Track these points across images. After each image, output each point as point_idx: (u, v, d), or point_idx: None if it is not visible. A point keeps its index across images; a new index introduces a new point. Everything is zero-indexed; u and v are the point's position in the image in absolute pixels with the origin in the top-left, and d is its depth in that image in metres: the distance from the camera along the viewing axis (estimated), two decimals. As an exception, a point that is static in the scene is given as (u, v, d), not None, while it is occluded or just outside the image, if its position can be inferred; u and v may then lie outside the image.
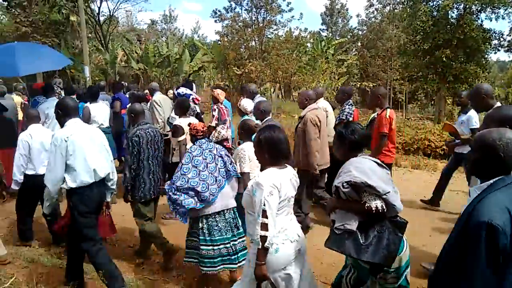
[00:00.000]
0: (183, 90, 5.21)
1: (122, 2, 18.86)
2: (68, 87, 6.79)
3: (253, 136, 2.69)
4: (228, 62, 17.73)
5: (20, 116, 5.90)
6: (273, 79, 16.99)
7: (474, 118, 4.49)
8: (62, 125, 2.88)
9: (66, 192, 2.86)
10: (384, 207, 2.15)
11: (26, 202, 3.74)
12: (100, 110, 5.19)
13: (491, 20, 34.25)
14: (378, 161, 2.29)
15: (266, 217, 2.09)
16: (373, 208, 2.13)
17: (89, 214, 2.87)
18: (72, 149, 2.81)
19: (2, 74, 7.78)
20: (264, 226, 2.09)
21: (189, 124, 3.34)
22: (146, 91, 6.37)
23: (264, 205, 2.08)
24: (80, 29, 16.66)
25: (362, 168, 2.20)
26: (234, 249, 3.09)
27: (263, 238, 2.08)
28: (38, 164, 3.63)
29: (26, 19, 16.09)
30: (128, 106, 4.35)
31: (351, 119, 4.60)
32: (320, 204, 4.58)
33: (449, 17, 13.69)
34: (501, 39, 13.81)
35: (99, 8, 18.16)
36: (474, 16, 13.44)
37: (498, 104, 3.01)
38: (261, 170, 2.26)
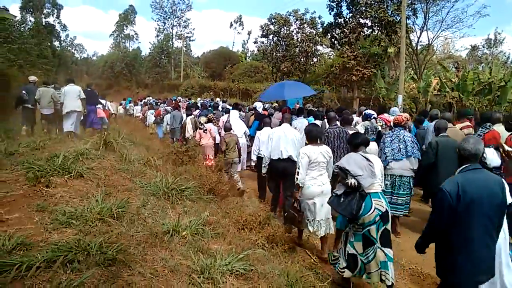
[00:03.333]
0: (369, 111, 7.85)
1: (443, 30, 19.92)
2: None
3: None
4: None
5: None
6: None
7: None
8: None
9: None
10: (356, 184, 3.98)
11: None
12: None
13: None
14: (367, 156, 4.22)
15: (299, 169, 4.78)
16: (349, 184, 4.00)
17: (274, 176, 6.15)
18: (273, 138, 6.15)
19: (276, 99, 15.21)
20: (298, 173, 4.77)
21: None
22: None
23: (299, 163, 4.79)
24: (397, 60, 18.82)
25: (348, 159, 4.17)
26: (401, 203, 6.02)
27: (297, 179, 4.75)
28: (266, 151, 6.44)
29: (351, 54, 19.55)
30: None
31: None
32: None
33: None
34: None
35: (418, 38, 19.91)
36: None
37: None
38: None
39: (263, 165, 6.27)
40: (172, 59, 49.72)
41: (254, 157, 7.63)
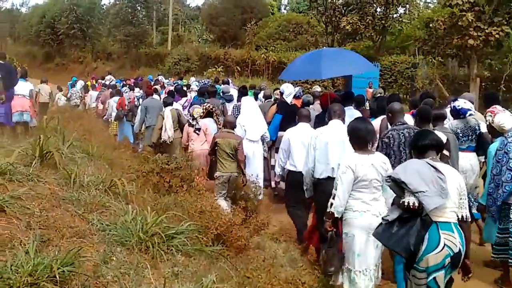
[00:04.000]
0: (462, 103, 7.93)
1: None
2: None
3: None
4: None
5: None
6: None
7: None
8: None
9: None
10: (416, 204, 4.38)
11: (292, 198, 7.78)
12: None
13: None
14: (437, 164, 4.62)
15: (336, 190, 5.31)
16: (405, 204, 4.42)
17: (320, 206, 6.23)
18: (319, 145, 6.43)
19: (307, 77, 17.95)
20: (333, 196, 5.32)
21: None
22: None
23: (338, 180, 5.31)
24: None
25: (406, 167, 4.64)
26: None
27: (331, 204, 5.34)
28: (298, 161, 7.45)
29: (466, 0, 19.26)
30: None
31: None
32: None
33: None
34: None
35: None
36: None
37: None
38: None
39: (304, 187, 6.69)
40: (154, 11, 50.16)
41: (278, 171, 8.30)
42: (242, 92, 12.03)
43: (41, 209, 4.55)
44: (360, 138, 5.43)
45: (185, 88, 16.79)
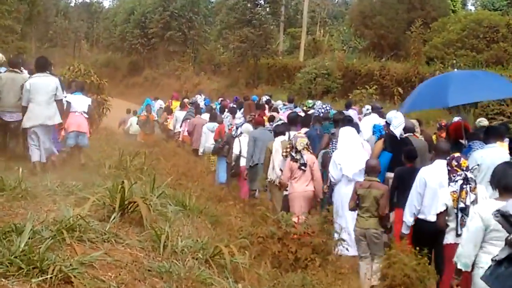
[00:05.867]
0: None
1: None
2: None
3: None
4: None
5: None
6: None
7: None
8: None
9: None
10: None
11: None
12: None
13: None
14: None
15: (461, 238, 6.45)
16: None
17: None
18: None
19: (431, 106, 14.07)
20: (459, 246, 5.83)
21: None
22: None
23: (466, 228, 5.89)
24: None
25: None
26: None
27: (458, 256, 5.79)
28: (428, 208, 7.83)
29: None
30: None
31: None
32: None
33: None
34: None
35: None
36: None
37: None
38: None
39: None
40: (282, 7, 43.33)
41: (410, 220, 7.88)
42: (348, 120, 11.08)
43: (119, 282, 4.25)
44: (501, 184, 5.52)
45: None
